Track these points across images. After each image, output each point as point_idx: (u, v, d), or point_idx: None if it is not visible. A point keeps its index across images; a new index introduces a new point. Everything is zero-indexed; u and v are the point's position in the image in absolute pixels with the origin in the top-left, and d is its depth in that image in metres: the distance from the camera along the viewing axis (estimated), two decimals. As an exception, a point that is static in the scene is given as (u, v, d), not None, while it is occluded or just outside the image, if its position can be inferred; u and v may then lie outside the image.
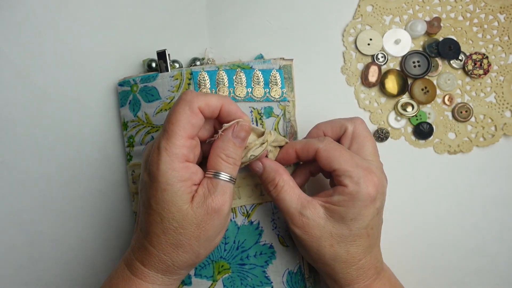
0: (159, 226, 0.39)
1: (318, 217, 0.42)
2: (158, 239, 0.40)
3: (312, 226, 0.42)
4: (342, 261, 0.43)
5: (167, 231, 0.40)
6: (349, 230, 0.42)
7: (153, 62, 0.52)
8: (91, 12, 0.55)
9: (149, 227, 0.40)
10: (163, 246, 0.40)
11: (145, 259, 0.41)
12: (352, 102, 0.54)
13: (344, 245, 0.42)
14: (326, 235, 0.42)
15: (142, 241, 0.41)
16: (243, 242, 0.49)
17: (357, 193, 0.41)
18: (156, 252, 0.40)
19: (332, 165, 0.42)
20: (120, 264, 0.43)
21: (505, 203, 0.53)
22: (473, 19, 0.54)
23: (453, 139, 0.53)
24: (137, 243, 0.42)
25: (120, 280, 0.42)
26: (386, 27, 0.54)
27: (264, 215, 0.49)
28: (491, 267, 0.53)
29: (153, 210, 0.39)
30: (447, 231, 0.54)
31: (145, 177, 0.40)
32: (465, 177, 0.54)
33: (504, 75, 0.53)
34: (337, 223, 0.42)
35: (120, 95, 0.53)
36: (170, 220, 0.39)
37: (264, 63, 0.50)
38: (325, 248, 0.42)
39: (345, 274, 0.43)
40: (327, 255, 0.43)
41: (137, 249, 0.41)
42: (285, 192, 0.43)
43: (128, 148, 0.52)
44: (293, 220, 0.43)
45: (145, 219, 0.40)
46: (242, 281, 0.49)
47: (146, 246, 0.41)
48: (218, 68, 0.50)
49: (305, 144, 0.44)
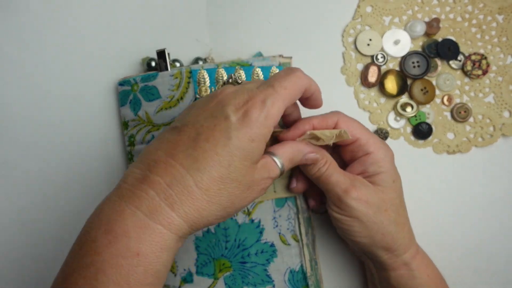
0: (221, 170, 0.35)
1: (367, 186, 0.44)
2: (211, 183, 0.35)
3: (365, 194, 0.43)
4: (396, 224, 0.44)
5: (225, 179, 0.35)
6: (395, 192, 0.45)
7: (153, 61, 0.53)
8: (91, 12, 0.55)
9: (207, 165, 0.35)
10: (212, 192, 0.35)
11: (178, 200, 0.34)
12: (352, 102, 0.54)
13: (395, 208, 0.44)
14: (379, 201, 0.43)
15: (183, 177, 0.34)
16: (244, 240, 0.49)
17: (386, 156, 0.44)
18: (199, 195, 0.35)
19: (354, 134, 0.44)
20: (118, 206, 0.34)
21: (504, 203, 0.53)
22: (472, 20, 0.54)
23: (452, 139, 0.54)
24: (167, 179, 0.34)
25: (130, 227, 0.33)
26: (385, 27, 0.54)
27: (265, 213, 0.49)
28: (491, 267, 0.53)
29: (226, 152, 0.35)
30: (447, 231, 0.54)
31: (232, 116, 0.36)
32: (463, 177, 0.54)
33: (502, 76, 0.53)
34: (384, 188, 0.44)
35: (120, 95, 0.53)
36: (236, 169, 0.36)
37: (263, 60, 0.51)
38: (382, 214, 0.43)
39: (401, 239, 0.45)
40: (385, 221, 0.43)
41: (167, 185, 0.34)
42: (333, 168, 0.44)
43: (129, 147, 0.52)
44: (348, 191, 0.43)
45: (207, 156, 0.35)
46: (243, 279, 0.49)
47: (187, 185, 0.34)
48: (217, 66, 0.50)
49: (321, 118, 0.44)
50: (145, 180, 0.34)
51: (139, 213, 0.33)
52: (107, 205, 0.35)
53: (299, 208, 0.50)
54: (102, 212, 0.35)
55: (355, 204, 0.43)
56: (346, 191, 0.43)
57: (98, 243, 0.33)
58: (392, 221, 0.44)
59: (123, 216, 0.33)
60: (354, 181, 0.43)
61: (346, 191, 0.43)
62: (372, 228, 0.43)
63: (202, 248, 0.49)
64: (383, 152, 0.44)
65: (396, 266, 0.45)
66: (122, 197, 0.34)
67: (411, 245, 0.46)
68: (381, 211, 0.43)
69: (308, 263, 0.50)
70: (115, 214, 0.34)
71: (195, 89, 0.50)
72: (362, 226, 0.43)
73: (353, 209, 0.43)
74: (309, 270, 0.50)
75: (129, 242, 0.33)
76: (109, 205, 0.35)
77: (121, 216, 0.33)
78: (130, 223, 0.33)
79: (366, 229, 0.44)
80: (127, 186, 0.35)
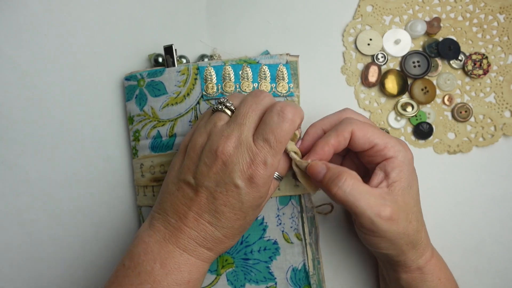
0: (241, 222, 0.43)
1: (395, 201, 0.41)
2: (235, 232, 0.43)
3: (396, 212, 0.41)
4: (419, 232, 0.44)
5: (244, 226, 0.43)
6: (413, 199, 0.43)
7: (160, 57, 0.53)
8: (97, 6, 0.55)
9: (229, 223, 0.42)
10: (235, 236, 0.44)
11: (213, 247, 0.43)
12: (352, 102, 0.54)
13: (415, 216, 0.43)
14: (405, 214, 0.42)
15: (213, 233, 0.42)
16: (247, 237, 0.49)
17: (405, 159, 0.43)
18: (227, 241, 0.43)
19: (372, 140, 0.43)
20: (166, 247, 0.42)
21: (504, 203, 0.53)
22: (472, 19, 0.54)
23: (453, 139, 0.53)
24: (203, 234, 0.42)
25: (182, 265, 0.42)
26: (386, 27, 0.54)
27: (269, 211, 0.49)
28: (491, 267, 0.53)
29: (242, 212, 0.42)
30: (447, 231, 0.54)
31: (240, 184, 0.41)
32: (464, 177, 0.54)
33: (503, 75, 0.53)
34: (405, 197, 0.42)
35: (126, 89, 0.53)
36: (251, 217, 0.43)
37: (271, 58, 0.51)
38: (408, 227, 0.42)
39: (419, 244, 0.44)
40: (411, 232, 0.42)
41: (203, 238, 0.42)
42: (357, 186, 0.41)
43: (133, 142, 0.52)
44: (380, 214, 0.40)
45: (228, 217, 0.42)
46: (245, 275, 0.49)
47: (218, 237, 0.42)
48: (224, 63, 0.50)
49: (336, 134, 0.43)
50: (183, 231, 0.42)
51: (186, 255, 0.42)
52: (154, 244, 0.42)
53: (303, 206, 0.50)
54: (150, 249, 0.42)
55: (388, 226, 0.41)
56: (378, 214, 0.40)
57: (155, 274, 0.41)
58: (416, 230, 0.43)
59: (172, 255, 0.41)
60: (384, 200, 0.41)
61: (379, 214, 0.40)
62: (398, 242, 0.43)
63: None
64: (402, 155, 0.43)
65: (410, 269, 0.45)
66: (167, 240, 0.42)
67: (427, 249, 0.45)
68: (407, 223, 0.42)
69: (311, 262, 0.50)
70: (165, 253, 0.41)
71: (202, 85, 0.50)
72: (390, 242, 0.43)
73: (385, 231, 0.41)
74: (312, 269, 0.50)
75: (182, 274, 0.41)
76: (155, 244, 0.42)
77: (171, 255, 0.41)
78: (182, 262, 0.42)
79: (394, 243, 0.43)
80: (167, 232, 0.42)
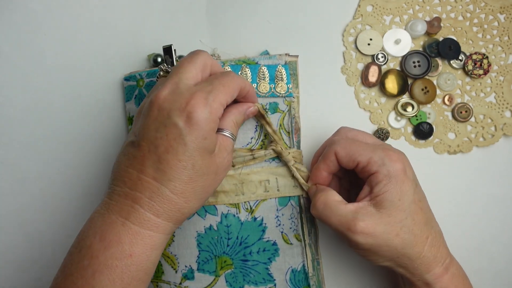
0: (189, 173, 0.39)
1: (372, 215, 0.42)
2: (184, 187, 0.40)
3: (370, 225, 0.42)
4: (413, 245, 0.43)
5: (194, 178, 0.40)
6: (403, 212, 0.42)
7: (159, 57, 0.53)
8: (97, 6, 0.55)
9: (175, 174, 0.39)
10: (187, 193, 0.40)
11: (161, 209, 0.39)
12: (352, 102, 0.54)
13: (406, 229, 0.42)
14: (387, 227, 0.42)
15: (159, 189, 0.39)
16: (246, 238, 0.49)
17: (389, 172, 0.42)
18: (177, 200, 0.40)
19: (355, 159, 0.44)
20: (108, 218, 0.39)
21: (505, 203, 0.53)
22: (473, 19, 0.54)
23: (453, 139, 0.53)
24: (147, 193, 0.39)
25: (122, 235, 0.38)
26: (386, 27, 0.54)
27: (268, 211, 0.49)
28: (491, 267, 0.53)
29: (187, 157, 0.39)
30: (447, 231, 0.53)
31: (179, 122, 0.39)
32: (465, 177, 0.54)
33: (504, 75, 0.53)
34: (390, 211, 0.42)
35: (126, 90, 0.53)
36: (200, 166, 0.40)
37: (270, 58, 0.51)
38: (393, 240, 0.42)
39: (421, 258, 0.43)
40: (398, 245, 0.42)
41: (148, 199, 0.39)
42: (330, 203, 0.44)
43: None
44: (351, 228, 0.42)
45: (172, 165, 0.39)
46: (244, 277, 0.49)
47: (165, 195, 0.39)
48: (223, 64, 0.50)
49: (323, 158, 0.46)
50: (127, 196, 0.39)
51: (129, 223, 0.39)
52: (97, 218, 0.40)
53: (303, 207, 0.50)
54: (93, 223, 0.39)
55: (362, 239, 0.42)
56: (349, 228, 0.42)
57: (93, 248, 0.38)
58: (407, 243, 0.42)
59: (113, 226, 0.38)
60: (356, 214, 0.42)
61: (349, 229, 0.42)
62: (386, 255, 0.43)
63: (204, 245, 0.49)
64: (386, 168, 0.43)
65: (418, 285, 0.44)
66: (110, 211, 0.39)
67: (436, 265, 0.44)
68: (392, 236, 0.42)
69: (310, 263, 0.50)
70: (106, 225, 0.39)
71: None
72: (377, 255, 0.43)
73: (363, 244, 0.42)
74: (311, 270, 0.50)
75: (122, 247, 0.38)
76: (99, 217, 0.39)
77: (112, 226, 0.39)
78: (122, 231, 0.38)
79: (382, 256, 0.43)
80: (112, 202, 0.40)
